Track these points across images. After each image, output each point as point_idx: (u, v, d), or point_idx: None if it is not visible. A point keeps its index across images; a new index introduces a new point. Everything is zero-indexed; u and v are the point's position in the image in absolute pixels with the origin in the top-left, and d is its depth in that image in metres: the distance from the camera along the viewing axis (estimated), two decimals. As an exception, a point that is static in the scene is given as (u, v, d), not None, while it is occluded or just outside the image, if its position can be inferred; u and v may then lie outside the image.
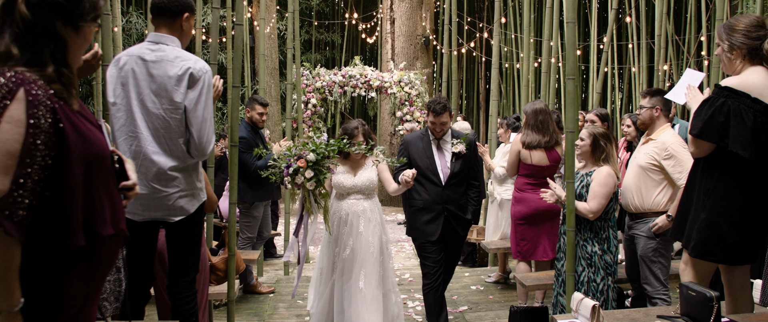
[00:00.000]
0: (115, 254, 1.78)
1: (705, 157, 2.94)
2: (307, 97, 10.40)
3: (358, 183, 4.26)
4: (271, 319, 4.92)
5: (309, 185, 3.75)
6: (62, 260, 1.60)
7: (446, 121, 4.35)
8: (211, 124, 2.84)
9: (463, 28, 13.20)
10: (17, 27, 1.58)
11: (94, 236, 1.64)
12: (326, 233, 4.19)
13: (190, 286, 2.95)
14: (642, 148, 4.08)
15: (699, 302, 2.71)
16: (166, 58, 2.75)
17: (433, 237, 4.29)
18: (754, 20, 2.89)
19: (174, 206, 2.81)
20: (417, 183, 4.33)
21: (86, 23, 1.71)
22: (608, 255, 3.88)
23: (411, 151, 4.43)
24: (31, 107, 1.51)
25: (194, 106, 2.75)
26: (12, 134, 1.48)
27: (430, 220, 4.32)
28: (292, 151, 3.80)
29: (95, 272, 1.70)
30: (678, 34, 12.99)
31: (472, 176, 4.48)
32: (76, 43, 1.70)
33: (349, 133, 4.28)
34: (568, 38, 3.84)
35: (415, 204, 4.41)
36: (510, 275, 6.10)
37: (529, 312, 4.58)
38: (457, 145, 4.36)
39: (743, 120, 2.77)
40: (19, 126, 1.49)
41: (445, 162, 4.38)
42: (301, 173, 3.71)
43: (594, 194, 3.86)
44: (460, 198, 4.40)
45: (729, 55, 2.93)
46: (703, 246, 2.91)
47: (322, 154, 3.77)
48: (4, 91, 1.50)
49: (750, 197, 2.83)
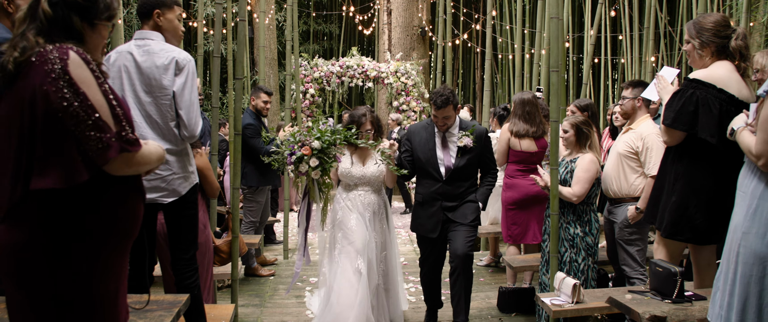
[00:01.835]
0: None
1: (676, 145, 3.16)
2: (306, 87, 10.60)
3: (367, 173, 4.15)
4: (272, 300, 5.16)
5: (314, 173, 3.61)
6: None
7: (449, 115, 4.10)
8: (198, 107, 3.07)
9: (458, 20, 13.38)
10: (40, 22, 1.84)
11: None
12: (327, 244, 4.14)
13: (191, 262, 3.19)
14: (622, 137, 4.29)
15: (665, 277, 2.95)
16: (151, 51, 2.99)
17: (433, 234, 4.18)
18: (721, 19, 3.11)
19: (168, 188, 3.04)
20: (419, 176, 4.28)
21: (101, 21, 1.96)
22: (589, 237, 4.11)
23: (413, 141, 4.26)
24: (88, 64, 1.82)
25: (182, 91, 2.97)
26: (93, 91, 1.80)
27: (430, 216, 4.18)
28: (295, 138, 3.66)
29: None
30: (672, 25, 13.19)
31: (485, 170, 4.35)
32: (92, 39, 1.95)
33: (356, 121, 4.14)
34: (553, 33, 4.05)
35: (417, 198, 4.30)
36: (501, 258, 6.33)
37: (516, 292, 4.84)
38: (463, 138, 4.14)
39: (710, 109, 3.00)
40: (91, 83, 1.80)
41: (449, 156, 4.17)
42: (305, 161, 3.58)
43: (578, 179, 4.09)
44: (463, 194, 4.20)
45: (700, 51, 3.15)
46: (673, 227, 3.14)
47: (328, 142, 3.61)
48: (58, 53, 1.78)
49: (716, 181, 3.06)
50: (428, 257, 4.30)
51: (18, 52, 1.79)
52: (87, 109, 1.76)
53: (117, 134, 1.81)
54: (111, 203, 1.88)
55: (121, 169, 1.86)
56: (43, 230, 1.78)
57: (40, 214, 1.78)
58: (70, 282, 1.81)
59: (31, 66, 1.77)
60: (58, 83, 1.73)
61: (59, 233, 1.79)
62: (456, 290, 4.13)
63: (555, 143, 4.07)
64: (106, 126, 1.79)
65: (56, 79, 1.74)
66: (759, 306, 2.29)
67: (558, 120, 4.05)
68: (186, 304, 2.75)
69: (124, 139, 1.82)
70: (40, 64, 1.75)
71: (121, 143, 1.81)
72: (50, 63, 1.75)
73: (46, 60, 1.75)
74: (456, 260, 4.09)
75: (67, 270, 1.80)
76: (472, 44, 14.76)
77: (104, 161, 1.78)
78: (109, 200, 1.88)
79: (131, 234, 1.98)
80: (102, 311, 1.88)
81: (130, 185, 1.95)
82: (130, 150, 1.83)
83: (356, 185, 4.17)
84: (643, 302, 2.96)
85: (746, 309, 2.32)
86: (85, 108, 1.75)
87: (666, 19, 12.73)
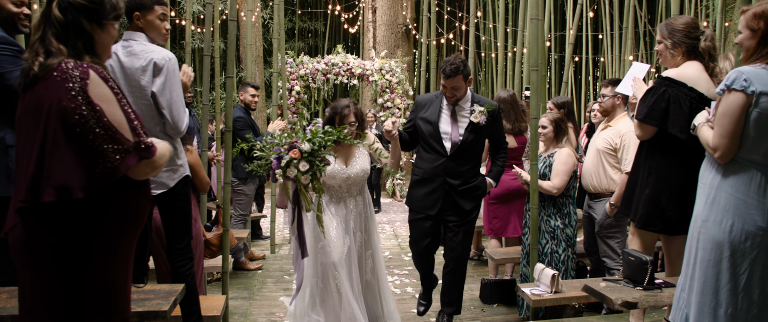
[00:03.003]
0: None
1: (649, 140, 3.33)
2: (291, 84, 10.70)
3: (352, 174, 3.95)
4: (260, 293, 5.27)
5: (303, 178, 3.32)
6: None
7: (459, 85, 3.81)
8: (182, 104, 3.16)
9: (442, 18, 13.54)
10: (55, 28, 1.98)
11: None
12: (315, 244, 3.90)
13: (185, 251, 3.33)
14: (600, 134, 4.45)
15: (637, 265, 3.11)
16: (133, 52, 3.08)
17: (431, 211, 3.93)
18: (691, 21, 3.28)
19: (156, 180, 3.16)
20: (421, 150, 4.04)
21: (108, 21, 2.09)
22: (569, 229, 4.28)
23: (418, 114, 4.02)
24: (106, 81, 1.96)
25: (162, 91, 3.05)
26: (112, 107, 1.94)
27: (429, 193, 3.93)
28: (282, 140, 3.37)
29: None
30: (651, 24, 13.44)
31: (496, 146, 4.14)
32: (101, 38, 2.08)
33: (339, 114, 3.92)
34: (532, 33, 4.20)
35: (416, 173, 4.04)
36: (483, 252, 6.49)
37: (498, 284, 4.99)
38: (478, 114, 3.87)
39: (681, 106, 3.16)
40: (111, 99, 1.95)
41: (457, 131, 3.90)
42: (293, 165, 3.29)
43: (557, 172, 4.26)
44: (467, 172, 3.94)
45: (672, 51, 3.32)
46: (647, 218, 3.30)
47: (320, 144, 3.33)
48: (79, 72, 1.92)
49: (687, 175, 3.21)
50: (423, 236, 4.03)
51: (42, 56, 1.93)
52: (103, 124, 1.89)
53: (135, 145, 1.96)
54: (121, 202, 2.03)
55: (143, 173, 2.03)
56: (59, 224, 1.92)
57: (56, 210, 1.92)
58: (82, 271, 1.96)
59: (52, 78, 1.90)
60: (77, 100, 1.87)
61: (74, 228, 1.93)
62: (450, 285, 4.12)
63: (535, 139, 4.23)
64: (124, 138, 1.94)
65: (75, 96, 1.87)
66: (716, 288, 2.46)
67: (538, 117, 4.21)
68: (182, 293, 2.87)
69: (142, 148, 1.98)
70: (62, 81, 1.89)
71: (140, 152, 1.97)
72: (71, 81, 1.89)
73: (68, 77, 1.89)
74: (455, 259, 4.03)
75: (81, 260, 1.95)
76: (456, 42, 14.92)
77: (125, 169, 1.94)
78: (121, 198, 2.02)
79: (139, 227, 2.13)
80: (113, 296, 2.03)
81: (138, 185, 2.08)
82: (147, 156, 1.99)
83: (340, 187, 3.99)
84: (617, 289, 3.13)
85: (704, 291, 2.50)
86: (102, 124, 1.89)
87: (646, 18, 12.97)
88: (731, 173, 2.47)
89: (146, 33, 3.17)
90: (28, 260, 1.94)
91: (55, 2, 1.98)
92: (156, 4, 3.20)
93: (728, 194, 2.46)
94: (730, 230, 2.44)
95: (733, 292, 2.44)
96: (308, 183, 3.37)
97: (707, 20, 9.76)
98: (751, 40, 2.49)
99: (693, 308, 2.55)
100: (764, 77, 2.38)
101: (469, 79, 3.88)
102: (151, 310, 2.60)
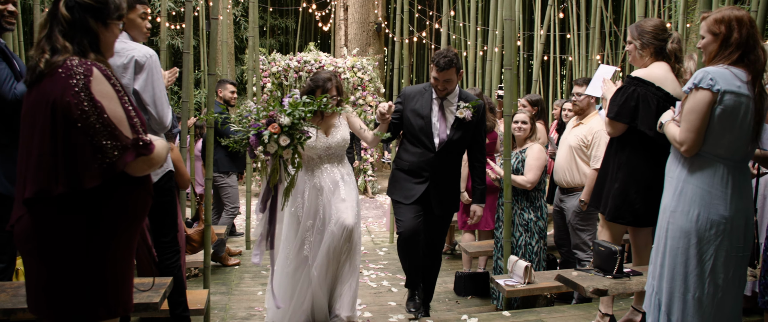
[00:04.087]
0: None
1: (618, 137, 3.49)
2: (263, 82, 10.71)
3: (332, 143, 3.82)
4: (239, 288, 5.33)
5: (285, 153, 3.20)
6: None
7: (451, 78, 3.76)
8: (165, 99, 3.21)
9: (413, 16, 13.67)
10: (62, 26, 2.05)
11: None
12: (287, 219, 3.80)
13: (171, 245, 3.40)
14: (573, 131, 4.61)
15: (607, 255, 3.28)
16: (115, 50, 3.13)
17: (417, 199, 3.84)
18: (659, 24, 3.46)
19: None
20: (407, 143, 3.95)
21: (112, 21, 2.17)
22: (541, 221, 4.45)
23: (407, 106, 3.91)
24: (109, 79, 2.03)
25: (144, 88, 3.09)
26: (113, 104, 2.00)
27: (414, 185, 3.87)
28: (259, 114, 3.21)
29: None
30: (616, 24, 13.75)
31: (477, 149, 4.01)
32: (106, 37, 2.16)
33: (321, 86, 3.79)
34: (507, 33, 4.35)
35: (401, 166, 3.96)
36: (456, 246, 6.64)
37: (472, 277, 5.14)
38: (464, 109, 3.82)
39: (649, 105, 3.32)
40: (112, 97, 2.01)
41: (445, 126, 3.84)
42: (273, 140, 3.13)
43: (530, 167, 4.42)
44: (453, 170, 3.94)
45: (641, 52, 3.48)
46: (616, 211, 3.46)
47: (300, 116, 3.18)
48: (83, 69, 1.98)
49: (654, 170, 3.37)
50: (413, 218, 3.85)
51: (48, 53, 1.99)
52: (103, 121, 1.96)
53: (133, 141, 2.02)
54: (122, 195, 2.09)
55: (141, 170, 2.09)
56: (63, 217, 1.99)
57: (60, 205, 1.99)
58: (86, 263, 2.02)
59: (57, 74, 1.97)
60: (80, 96, 1.94)
61: (79, 220, 2.00)
62: (425, 276, 4.14)
63: (508, 136, 4.37)
64: (123, 135, 2.00)
65: (78, 92, 1.94)
66: (685, 274, 2.65)
67: (511, 115, 4.35)
68: (170, 286, 2.93)
69: (140, 145, 2.04)
70: (66, 77, 1.95)
71: (138, 149, 2.03)
72: (75, 77, 1.95)
73: (72, 74, 1.96)
74: (431, 253, 4.07)
75: (85, 252, 2.02)
76: (427, 41, 15.08)
77: (123, 165, 2.00)
78: (121, 192, 2.09)
79: (140, 220, 2.20)
80: (114, 289, 2.10)
81: (139, 179, 2.15)
82: (145, 153, 2.05)
83: (320, 158, 3.83)
84: (588, 277, 3.29)
85: (674, 277, 2.67)
86: (102, 120, 1.96)
87: (611, 18, 13.28)
88: (697, 167, 2.65)
89: (128, 31, 3.21)
90: (34, 250, 2.00)
91: (62, 1, 2.04)
92: (137, 2, 3.24)
93: (694, 185, 2.64)
94: (697, 219, 2.62)
95: (700, 277, 2.62)
96: (289, 158, 3.24)
97: (670, 21, 10.06)
98: (713, 44, 2.68)
99: (664, 294, 2.72)
100: (728, 77, 2.56)
101: (460, 72, 3.86)
102: (142, 302, 2.65)
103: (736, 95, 2.56)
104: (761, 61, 2.62)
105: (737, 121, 2.58)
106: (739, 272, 2.67)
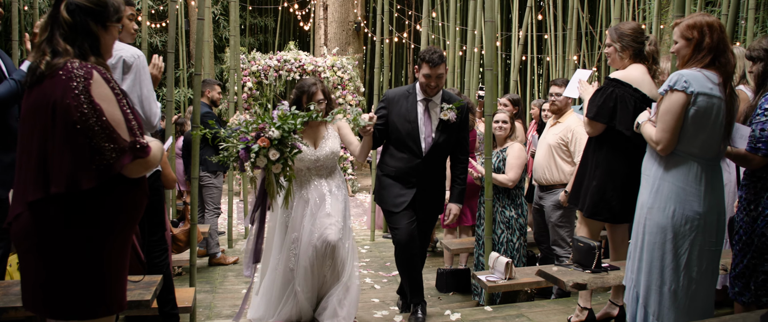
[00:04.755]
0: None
1: (597, 136, 3.60)
2: (243, 80, 10.71)
3: (321, 156, 3.74)
4: (223, 286, 5.36)
5: (274, 167, 3.13)
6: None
7: (443, 73, 3.71)
8: (153, 99, 3.25)
9: (392, 16, 13.75)
10: (63, 28, 2.08)
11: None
12: (278, 228, 3.76)
13: (159, 243, 3.45)
14: (551, 130, 4.72)
15: (586, 251, 3.39)
16: None
17: (407, 205, 3.79)
18: (637, 27, 3.58)
19: None
20: (393, 148, 3.87)
21: (111, 23, 2.20)
22: (522, 218, 4.57)
23: (391, 110, 3.81)
24: (108, 82, 2.07)
25: (132, 88, 3.13)
26: (112, 107, 2.04)
27: (403, 190, 3.81)
28: (248, 127, 3.15)
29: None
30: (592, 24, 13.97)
31: (460, 149, 3.94)
32: (105, 39, 2.20)
33: (306, 92, 3.71)
34: (487, 34, 4.44)
35: (387, 171, 3.88)
36: (436, 243, 6.73)
37: (453, 273, 5.23)
38: (447, 111, 3.76)
39: (627, 105, 3.43)
40: (111, 100, 2.05)
41: (430, 129, 3.78)
42: (262, 153, 3.08)
43: (511, 166, 4.53)
44: (438, 173, 3.91)
45: (621, 54, 3.59)
46: (594, 208, 3.57)
47: (290, 128, 3.12)
48: (83, 72, 2.02)
49: (631, 169, 3.48)
50: (408, 224, 3.80)
51: (49, 56, 2.03)
52: (102, 123, 2.00)
53: (131, 144, 2.06)
54: (120, 195, 2.14)
55: (137, 172, 2.13)
56: (62, 215, 2.03)
57: (59, 204, 2.03)
58: (82, 261, 2.07)
59: (57, 76, 2.00)
60: (80, 99, 1.98)
61: (75, 219, 2.04)
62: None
63: (489, 135, 4.47)
64: (120, 138, 2.03)
65: (78, 95, 1.98)
66: (661, 267, 2.77)
67: (492, 114, 4.45)
68: (160, 284, 2.98)
69: (137, 148, 2.08)
70: (66, 80, 1.99)
71: (135, 151, 2.07)
72: (75, 80, 1.99)
73: (72, 77, 2.00)
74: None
75: (81, 251, 2.06)
76: (407, 41, 15.16)
77: (120, 167, 2.04)
78: (118, 192, 2.13)
79: (136, 220, 2.25)
80: (109, 285, 2.14)
81: (135, 180, 2.19)
82: (142, 156, 2.10)
83: (308, 170, 3.77)
84: (568, 272, 3.40)
85: (651, 271, 2.80)
86: (101, 123, 1.99)
87: (587, 18, 13.49)
88: (672, 165, 2.77)
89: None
90: (33, 248, 2.04)
91: (63, 5, 2.08)
92: (126, 4, 3.26)
93: (670, 183, 2.76)
94: (672, 215, 2.74)
95: (676, 271, 2.75)
96: (279, 172, 3.17)
97: (644, 22, 10.28)
98: (686, 49, 2.80)
99: (641, 286, 2.85)
100: (701, 79, 2.68)
101: (447, 68, 3.83)
102: (133, 300, 2.69)
103: (709, 97, 2.69)
104: (731, 64, 2.76)
105: (710, 122, 2.71)
106: (712, 266, 2.81)
